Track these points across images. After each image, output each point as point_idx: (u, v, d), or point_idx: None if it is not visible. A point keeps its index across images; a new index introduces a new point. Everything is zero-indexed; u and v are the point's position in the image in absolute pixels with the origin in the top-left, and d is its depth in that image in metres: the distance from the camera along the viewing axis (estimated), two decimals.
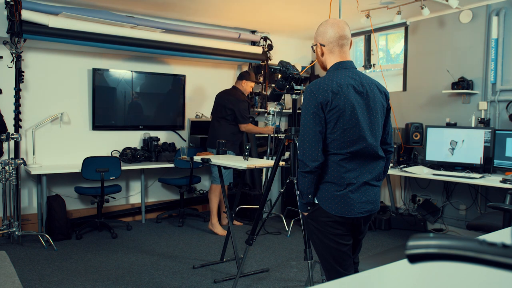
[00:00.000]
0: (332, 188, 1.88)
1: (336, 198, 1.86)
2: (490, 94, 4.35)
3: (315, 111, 1.82)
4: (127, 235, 4.48)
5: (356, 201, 1.87)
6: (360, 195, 1.88)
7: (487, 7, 4.37)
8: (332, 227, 1.89)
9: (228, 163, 3.30)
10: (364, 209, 1.89)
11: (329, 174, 1.88)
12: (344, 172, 1.86)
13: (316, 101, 1.82)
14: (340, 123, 1.82)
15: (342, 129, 1.83)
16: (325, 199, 1.89)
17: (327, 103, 1.81)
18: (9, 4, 3.95)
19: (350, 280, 1.00)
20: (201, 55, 5.14)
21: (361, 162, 1.89)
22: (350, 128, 1.83)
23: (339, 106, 1.81)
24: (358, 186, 1.87)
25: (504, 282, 0.94)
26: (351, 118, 1.83)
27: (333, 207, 1.87)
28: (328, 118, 1.83)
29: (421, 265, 0.59)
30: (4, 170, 3.93)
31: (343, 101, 1.82)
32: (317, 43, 1.99)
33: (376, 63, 5.67)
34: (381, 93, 1.97)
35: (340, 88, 1.83)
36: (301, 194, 1.92)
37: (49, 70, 4.66)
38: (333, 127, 1.83)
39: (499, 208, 2.75)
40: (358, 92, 1.87)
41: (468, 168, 4.20)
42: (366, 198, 1.90)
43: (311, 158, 1.83)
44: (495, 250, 0.51)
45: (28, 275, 3.31)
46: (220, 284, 3.21)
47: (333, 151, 1.86)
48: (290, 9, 4.75)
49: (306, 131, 1.84)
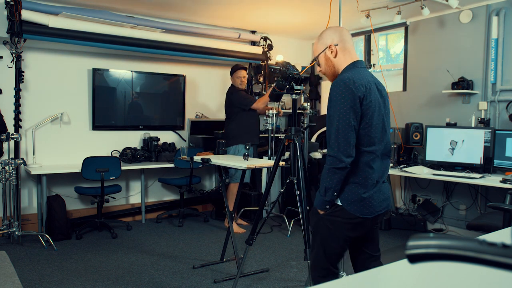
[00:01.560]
0: (358, 190, 1.86)
1: (362, 200, 1.85)
2: (490, 94, 4.35)
3: (353, 105, 1.79)
4: (127, 235, 4.48)
5: (377, 200, 1.89)
6: (379, 194, 1.90)
7: (487, 7, 4.37)
8: (349, 230, 1.90)
9: (228, 163, 3.30)
10: (382, 206, 1.92)
11: (356, 175, 1.86)
12: (372, 173, 1.87)
13: (354, 95, 1.79)
14: (373, 119, 1.84)
15: (373, 125, 1.84)
16: (350, 201, 1.87)
17: (364, 97, 1.81)
18: (9, 4, 3.95)
19: (350, 280, 1.00)
20: (201, 55, 5.14)
21: (382, 161, 1.91)
22: (377, 124, 1.86)
23: (372, 102, 1.83)
24: (379, 185, 1.90)
25: (504, 282, 0.94)
26: (379, 114, 1.86)
27: (358, 209, 1.86)
28: (363, 112, 1.82)
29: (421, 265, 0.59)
30: (4, 170, 3.93)
31: (373, 97, 1.84)
32: (328, 46, 1.99)
33: (376, 63, 5.67)
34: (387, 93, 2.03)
35: (369, 84, 1.86)
36: (326, 190, 1.86)
37: (49, 70, 4.66)
38: (366, 122, 1.83)
39: (499, 208, 2.75)
40: (379, 90, 1.91)
41: (468, 168, 4.20)
42: (383, 196, 1.92)
43: (346, 154, 1.79)
44: (495, 250, 0.51)
45: (28, 275, 3.31)
46: (220, 284, 3.21)
47: (363, 148, 1.85)
48: (290, 9, 4.75)
49: (342, 125, 1.79)
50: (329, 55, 2.00)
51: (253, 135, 4.75)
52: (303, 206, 2.73)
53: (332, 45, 1.98)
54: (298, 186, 2.78)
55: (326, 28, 2.04)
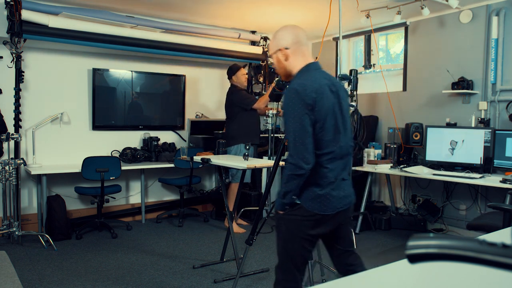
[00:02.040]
0: (315, 188, 1.90)
1: (319, 197, 1.89)
2: (490, 94, 4.35)
3: (307, 112, 1.82)
4: (127, 235, 4.48)
5: (336, 197, 1.92)
6: (339, 191, 1.94)
7: (487, 7, 4.37)
8: (308, 227, 1.92)
9: (228, 163, 3.30)
10: (343, 203, 1.96)
11: (312, 175, 1.88)
12: (327, 172, 1.90)
13: (305, 102, 1.81)
14: (326, 122, 1.86)
15: (326, 128, 1.87)
16: (307, 199, 1.91)
17: (315, 103, 1.82)
18: (9, 4, 3.95)
19: (350, 280, 1.00)
20: (201, 55, 5.14)
21: (339, 160, 1.94)
22: (330, 127, 1.88)
23: (324, 106, 1.85)
24: (337, 183, 1.93)
25: (504, 282, 0.94)
26: (331, 117, 1.88)
27: (316, 205, 1.89)
28: (316, 118, 1.84)
29: (421, 265, 0.59)
30: (4, 170, 3.93)
31: (325, 100, 1.86)
32: (279, 49, 1.99)
33: (376, 63, 5.67)
34: (346, 93, 2.06)
35: (321, 88, 1.86)
36: (285, 194, 1.89)
37: (49, 70, 4.66)
38: (320, 127, 1.86)
39: (499, 208, 2.75)
40: (332, 91, 1.92)
41: (468, 168, 4.20)
42: (344, 193, 1.96)
43: (305, 161, 1.82)
44: (495, 250, 0.51)
45: (28, 275, 3.31)
46: (220, 284, 3.21)
47: (318, 151, 1.88)
48: (290, 9, 4.75)
49: (299, 133, 1.82)
50: (281, 57, 2.00)
51: (254, 135, 4.75)
52: None
53: (283, 48, 1.98)
54: None
55: (282, 27, 2.03)
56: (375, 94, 5.55)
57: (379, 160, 4.81)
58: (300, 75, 1.95)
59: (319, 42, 6.34)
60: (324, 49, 6.06)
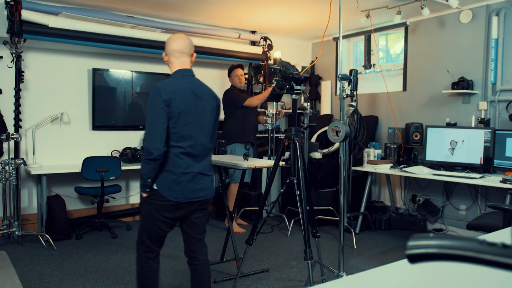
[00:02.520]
0: (170, 176, 2.17)
1: (173, 186, 2.17)
2: (490, 94, 4.35)
3: (162, 107, 2.11)
4: (127, 235, 4.48)
5: (190, 188, 2.20)
6: (194, 183, 2.21)
7: (487, 7, 4.37)
8: (165, 212, 2.21)
9: (228, 163, 3.30)
10: (198, 194, 2.25)
11: (168, 164, 2.17)
12: (181, 163, 2.17)
13: (162, 98, 2.12)
14: (180, 119, 2.15)
15: (179, 125, 2.15)
16: (163, 186, 2.18)
17: (171, 100, 2.12)
18: (9, 4, 3.95)
19: (350, 280, 1.00)
20: (201, 55, 5.13)
21: (195, 155, 2.21)
22: (184, 125, 2.16)
23: (179, 105, 2.14)
24: (192, 175, 2.20)
25: (504, 282, 0.94)
26: (185, 117, 2.16)
27: (170, 193, 2.18)
28: (171, 113, 2.13)
29: (421, 265, 0.59)
30: (4, 170, 3.93)
31: (181, 101, 2.15)
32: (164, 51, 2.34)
33: (376, 63, 5.67)
34: (214, 99, 2.37)
35: (181, 89, 2.18)
36: (142, 177, 2.17)
37: (49, 70, 4.66)
38: (174, 122, 2.14)
39: (499, 208, 2.75)
40: (195, 95, 2.23)
41: (468, 168, 4.20)
42: (199, 186, 2.24)
43: (154, 147, 2.10)
44: (495, 250, 0.51)
45: (28, 275, 3.31)
46: (220, 284, 3.21)
47: (173, 143, 2.17)
48: (290, 9, 4.75)
49: (153, 124, 2.13)
50: (164, 58, 2.35)
51: (249, 135, 4.74)
52: (303, 206, 2.73)
53: (164, 54, 2.33)
54: (298, 186, 2.79)
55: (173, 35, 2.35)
56: (375, 94, 5.55)
57: (379, 160, 4.81)
58: (171, 77, 2.28)
59: (319, 42, 6.35)
60: (324, 49, 6.06)
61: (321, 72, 6.33)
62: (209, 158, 2.33)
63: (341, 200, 2.94)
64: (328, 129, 2.81)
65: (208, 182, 2.31)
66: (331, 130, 2.78)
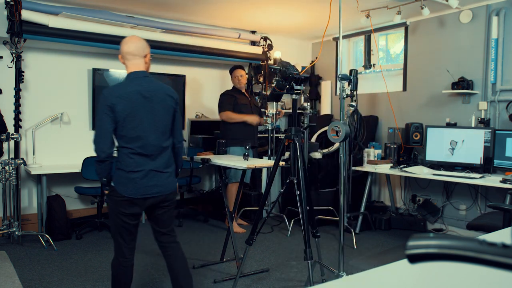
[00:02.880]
0: (122, 174, 2.30)
1: (127, 183, 2.29)
2: (490, 94, 4.35)
3: (106, 112, 2.22)
4: None
5: (143, 185, 2.30)
6: (147, 180, 2.31)
7: (487, 7, 4.37)
8: (123, 207, 2.32)
9: (228, 163, 3.30)
10: (152, 191, 2.34)
11: (121, 163, 2.30)
12: (132, 163, 2.28)
13: (106, 104, 2.22)
14: (126, 122, 2.24)
15: (128, 127, 2.25)
16: (118, 183, 2.31)
17: (114, 106, 2.21)
18: (9, 4, 3.95)
19: (350, 280, 1.00)
20: (201, 55, 5.14)
21: (146, 154, 2.31)
22: (134, 127, 2.26)
23: (123, 109, 2.23)
24: (144, 173, 2.30)
25: (504, 282, 0.94)
26: (134, 118, 2.25)
27: (124, 189, 2.29)
28: (116, 118, 2.23)
29: (421, 265, 0.59)
30: (4, 170, 3.93)
31: (126, 105, 2.23)
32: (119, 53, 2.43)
33: (376, 63, 5.67)
34: (170, 97, 2.41)
35: (126, 93, 2.26)
36: (97, 175, 2.34)
37: (49, 70, 4.66)
38: (121, 125, 2.24)
39: (499, 208, 2.75)
40: (144, 97, 2.29)
41: (468, 168, 4.20)
42: (153, 183, 2.33)
43: (101, 150, 2.25)
44: (495, 250, 0.51)
45: (28, 275, 3.31)
46: (220, 284, 3.21)
47: (123, 144, 2.29)
48: (290, 9, 4.76)
49: (99, 128, 2.26)
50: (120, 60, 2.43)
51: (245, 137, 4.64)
52: (303, 206, 2.73)
53: (120, 56, 2.41)
54: (298, 186, 2.78)
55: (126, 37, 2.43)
56: (375, 94, 5.55)
57: (379, 160, 4.81)
58: (124, 80, 2.39)
59: (319, 42, 6.35)
60: (324, 49, 6.06)
61: (321, 72, 6.33)
62: (166, 155, 2.40)
63: (341, 200, 2.94)
64: (328, 129, 2.81)
65: (164, 179, 2.38)
66: (331, 130, 2.78)
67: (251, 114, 4.73)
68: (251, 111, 4.79)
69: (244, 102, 4.78)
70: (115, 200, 2.34)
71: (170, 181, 2.42)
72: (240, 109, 4.70)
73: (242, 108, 4.71)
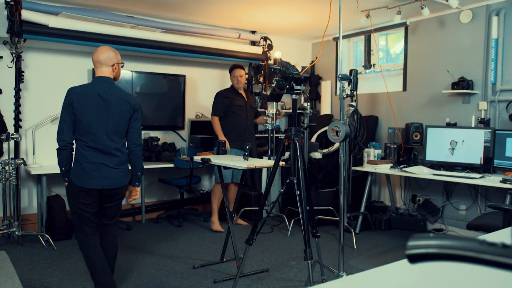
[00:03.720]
0: (78, 165, 2.61)
1: (82, 174, 2.60)
2: (490, 94, 4.35)
3: (66, 106, 2.62)
4: (127, 235, 4.48)
5: (95, 177, 2.61)
6: (98, 173, 2.61)
7: (487, 7, 4.37)
8: (79, 196, 2.63)
9: (228, 163, 3.30)
10: (102, 183, 2.64)
11: (76, 155, 2.64)
12: (86, 155, 2.60)
13: (67, 100, 2.62)
14: (82, 117, 2.59)
15: (81, 123, 2.59)
16: (74, 174, 2.62)
17: (73, 102, 2.59)
18: (9, 4, 3.95)
19: (350, 280, 1.01)
20: (201, 55, 5.14)
21: (99, 149, 2.62)
22: (88, 122, 2.59)
23: (80, 106, 2.59)
24: (96, 165, 2.61)
25: (504, 282, 0.94)
26: (88, 115, 2.60)
27: (79, 181, 2.60)
28: (74, 112, 2.59)
29: (421, 265, 0.59)
30: (4, 170, 3.93)
31: (84, 102, 2.60)
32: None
33: (376, 63, 5.67)
34: (127, 103, 2.71)
35: (87, 93, 2.61)
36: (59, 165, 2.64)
37: (49, 70, 4.66)
38: (78, 120, 2.60)
39: (499, 208, 2.76)
40: (102, 98, 2.62)
41: (468, 168, 4.20)
42: (104, 175, 2.63)
43: (59, 139, 2.59)
44: (495, 250, 0.51)
45: (28, 275, 3.31)
46: (220, 284, 3.21)
47: (78, 137, 2.63)
48: (290, 9, 4.76)
49: (60, 120, 2.63)
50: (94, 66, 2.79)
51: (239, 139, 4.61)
52: (303, 206, 2.73)
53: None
54: (298, 186, 2.79)
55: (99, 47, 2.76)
56: (375, 94, 5.55)
57: (379, 160, 4.81)
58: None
59: (319, 42, 6.35)
60: (324, 49, 6.06)
61: (321, 72, 6.33)
62: (118, 154, 2.68)
63: (341, 200, 2.94)
64: (328, 129, 2.81)
65: (115, 174, 2.67)
66: (331, 130, 2.78)
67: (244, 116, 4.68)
68: (246, 113, 4.72)
69: (239, 104, 4.71)
70: (72, 191, 2.65)
71: (120, 176, 2.71)
72: (234, 110, 4.66)
73: (236, 110, 4.66)
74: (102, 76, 2.70)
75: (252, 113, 4.86)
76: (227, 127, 4.65)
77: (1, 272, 3.34)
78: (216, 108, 4.69)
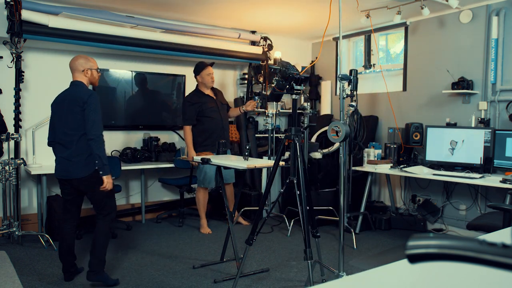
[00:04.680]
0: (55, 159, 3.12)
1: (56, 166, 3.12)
2: (490, 94, 4.35)
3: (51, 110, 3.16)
4: (126, 235, 4.48)
5: (58, 169, 3.11)
6: (61, 166, 3.08)
7: (487, 7, 4.37)
8: (59, 185, 3.20)
9: (228, 163, 3.30)
10: (61, 174, 3.09)
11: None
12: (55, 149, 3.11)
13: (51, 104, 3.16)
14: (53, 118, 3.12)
15: (52, 121, 3.13)
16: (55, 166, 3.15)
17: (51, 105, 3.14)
18: (9, 4, 3.95)
19: (350, 280, 1.01)
20: (201, 55, 5.14)
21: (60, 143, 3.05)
22: (54, 121, 3.11)
23: (52, 107, 3.14)
24: (59, 159, 3.09)
25: (504, 282, 0.94)
26: (54, 115, 3.11)
27: (54, 171, 3.14)
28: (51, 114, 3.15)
29: (421, 265, 0.59)
30: (4, 170, 3.93)
31: (54, 104, 3.13)
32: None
33: (376, 63, 5.67)
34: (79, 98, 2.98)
35: (57, 97, 3.15)
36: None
37: (49, 70, 4.66)
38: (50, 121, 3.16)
39: (499, 208, 2.76)
40: (63, 99, 3.08)
41: (468, 168, 4.20)
42: (63, 168, 3.07)
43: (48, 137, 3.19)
44: (495, 250, 0.51)
45: (28, 275, 3.31)
46: (220, 284, 3.21)
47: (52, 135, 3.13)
48: (290, 9, 4.76)
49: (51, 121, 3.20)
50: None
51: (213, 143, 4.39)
52: (303, 206, 2.73)
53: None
54: (298, 186, 2.78)
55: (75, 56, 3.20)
56: (375, 94, 5.55)
57: (379, 160, 4.81)
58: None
59: (319, 42, 6.35)
60: (324, 49, 6.06)
61: (321, 72, 6.33)
62: (74, 147, 3.00)
63: (341, 200, 2.94)
64: (328, 129, 2.81)
65: (71, 166, 3.02)
66: (331, 130, 2.78)
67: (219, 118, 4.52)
68: (220, 114, 4.54)
69: (211, 106, 4.51)
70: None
71: (76, 168, 3.02)
72: (207, 115, 4.46)
73: (209, 114, 4.47)
74: (74, 80, 3.13)
75: (225, 109, 4.67)
76: (204, 134, 4.49)
77: (1, 272, 3.34)
78: (188, 117, 4.48)
